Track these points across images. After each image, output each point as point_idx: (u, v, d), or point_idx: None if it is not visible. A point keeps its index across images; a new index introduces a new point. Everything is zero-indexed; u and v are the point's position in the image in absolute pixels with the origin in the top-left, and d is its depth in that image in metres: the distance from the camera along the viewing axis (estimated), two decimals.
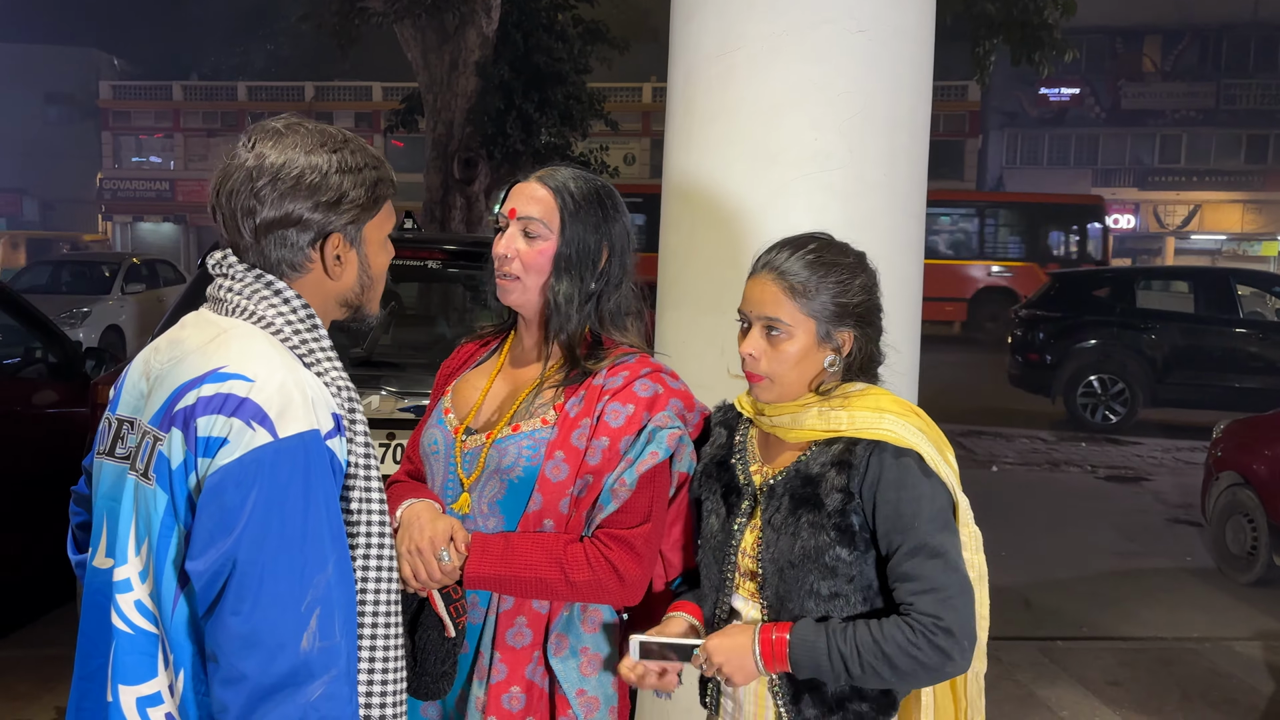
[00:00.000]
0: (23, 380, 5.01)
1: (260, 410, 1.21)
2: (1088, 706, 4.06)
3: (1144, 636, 5.02)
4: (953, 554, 1.54)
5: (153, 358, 1.36)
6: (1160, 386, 10.93)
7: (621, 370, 1.69)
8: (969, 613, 1.52)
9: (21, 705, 3.79)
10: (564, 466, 1.64)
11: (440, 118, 11.24)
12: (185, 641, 1.23)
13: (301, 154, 1.32)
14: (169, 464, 1.23)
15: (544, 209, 1.69)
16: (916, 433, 1.59)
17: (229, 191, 1.32)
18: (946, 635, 1.48)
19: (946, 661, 1.49)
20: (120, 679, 1.25)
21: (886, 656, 1.49)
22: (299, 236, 1.33)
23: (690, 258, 2.65)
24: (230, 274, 1.34)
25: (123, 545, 1.27)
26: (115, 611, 1.26)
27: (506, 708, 1.65)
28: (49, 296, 12.75)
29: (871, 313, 1.68)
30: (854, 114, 2.45)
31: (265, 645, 1.16)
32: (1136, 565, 6.28)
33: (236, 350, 1.26)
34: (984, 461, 9.22)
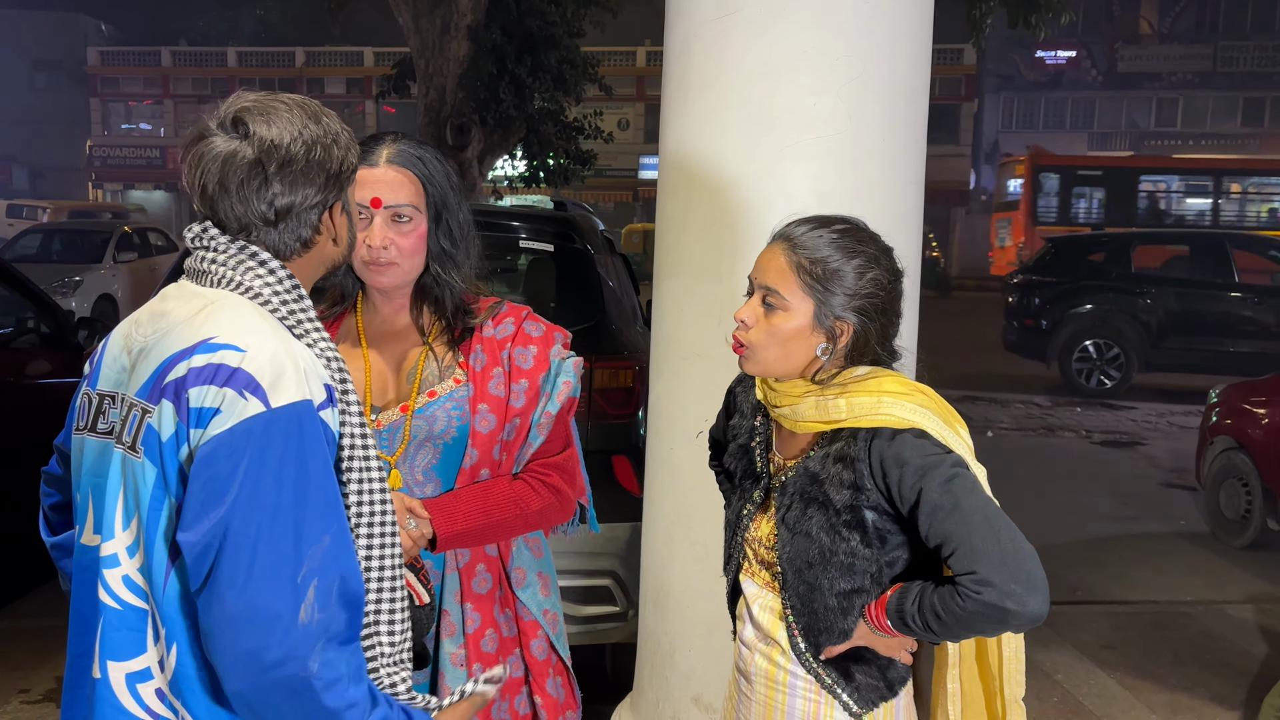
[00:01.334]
0: (15, 350, 4.99)
1: (253, 380, 1.19)
2: (1082, 669, 4.09)
3: (1138, 600, 5.05)
4: (965, 501, 1.45)
5: (133, 331, 1.34)
6: (1155, 351, 10.96)
7: (505, 318, 1.80)
8: (1004, 550, 1.42)
9: (22, 675, 3.80)
10: (490, 417, 1.73)
11: (432, 83, 11.14)
12: (178, 616, 1.21)
13: (296, 129, 1.30)
14: (159, 436, 1.21)
15: (409, 193, 1.71)
16: (918, 410, 1.54)
17: (233, 180, 1.28)
18: (987, 587, 1.41)
19: (1004, 611, 1.41)
20: (109, 655, 1.24)
21: (958, 620, 1.46)
22: (312, 213, 1.33)
23: (687, 225, 2.63)
24: (213, 245, 1.32)
25: (110, 520, 1.25)
26: (102, 587, 1.24)
27: (486, 650, 1.75)
28: (40, 265, 12.67)
29: (880, 309, 1.58)
30: (853, 79, 2.42)
31: (261, 618, 1.13)
32: (1131, 529, 6.31)
33: (226, 320, 1.25)
34: (979, 427, 9.24)
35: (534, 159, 13.17)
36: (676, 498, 2.70)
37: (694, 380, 2.61)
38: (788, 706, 1.66)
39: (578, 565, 3.24)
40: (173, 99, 39.22)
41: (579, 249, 3.89)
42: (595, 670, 3.45)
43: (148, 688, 1.23)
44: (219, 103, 1.34)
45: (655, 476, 2.81)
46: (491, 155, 12.14)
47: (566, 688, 1.86)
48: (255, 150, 1.27)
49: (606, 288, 3.85)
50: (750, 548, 1.72)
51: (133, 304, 13.34)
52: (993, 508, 1.48)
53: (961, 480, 1.48)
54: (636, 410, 3.51)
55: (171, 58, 39.28)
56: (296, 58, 37.90)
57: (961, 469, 1.50)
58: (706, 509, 2.37)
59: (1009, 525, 1.46)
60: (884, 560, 1.58)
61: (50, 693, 3.68)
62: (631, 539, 3.25)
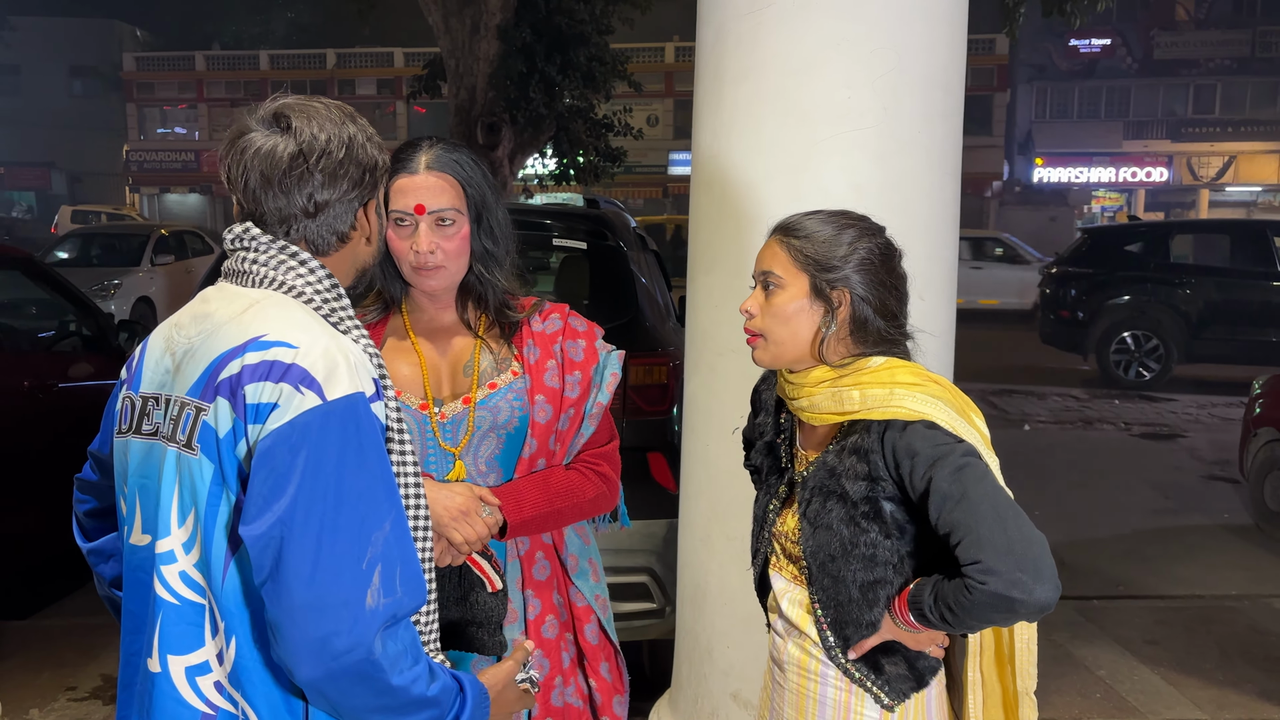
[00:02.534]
0: (58, 354, 5.07)
1: (307, 374, 1.21)
2: (1125, 665, 4.04)
3: (1182, 595, 4.98)
4: (973, 491, 1.45)
5: (174, 334, 1.35)
6: (1195, 342, 10.79)
7: (551, 313, 1.86)
8: (1009, 538, 1.42)
9: (69, 673, 3.86)
10: (547, 407, 1.79)
11: (463, 83, 11.19)
12: (238, 609, 1.23)
13: (335, 127, 1.33)
14: (215, 433, 1.23)
15: (450, 197, 1.74)
16: (930, 401, 1.55)
17: (274, 172, 1.31)
18: (993, 575, 1.40)
19: (1010, 600, 1.40)
20: (169, 649, 1.26)
21: (967, 610, 1.46)
22: (349, 208, 1.36)
23: (722, 221, 2.62)
24: (253, 246, 1.34)
25: (165, 518, 1.26)
26: (160, 583, 1.26)
27: (547, 636, 1.82)
28: (80, 269, 12.85)
29: (877, 277, 1.61)
30: (888, 70, 2.40)
31: (329, 607, 1.16)
32: (1173, 523, 6.23)
33: (274, 318, 1.27)
34: (1016, 420, 9.16)
35: (564, 157, 13.19)
36: (713, 494, 2.70)
37: (729, 376, 2.60)
38: (820, 695, 1.67)
39: (614, 562, 3.24)
40: (206, 103, 39.66)
41: (612, 246, 3.89)
42: (633, 667, 3.45)
43: (206, 680, 1.25)
44: (254, 105, 1.36)
45: (691, 473, 2.80)
46: (522, 154, 12.18)
47: (615, 671, 1.91)
48: (296, 144, 1.31)
49: (640, 284, 3.85)
50: (777, 542, 1.74)
51: (170, 306, 13.55)
52: (1001, 497, 1.47)
53: (971, 470, 1.48)
54: (671, 407, 3.50)
55: (205, 62, 39.71)
56: (328, 59, 38.18)
57: (972, 458, 1.50)
58: (743, 505, 2.36)
59: (1017, 514, 1.45)
60: (904, 551, 1.59)
61: (96, 690, 3.74)
62: (668, 535, 3.25)
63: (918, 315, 2.52)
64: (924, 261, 2.54)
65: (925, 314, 2.53)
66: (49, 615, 4.59)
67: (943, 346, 2.64)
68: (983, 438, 1.59)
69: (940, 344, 2.62)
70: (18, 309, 7.40)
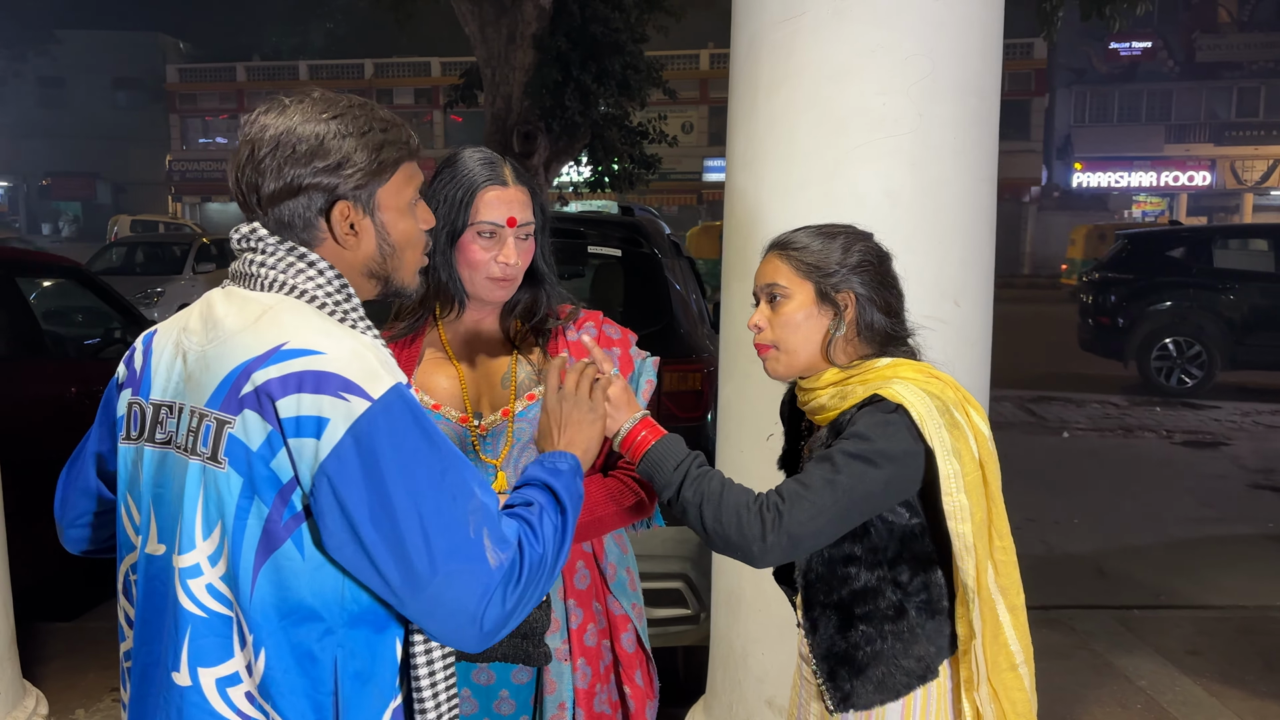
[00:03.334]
0: (104, 360, 5.16)
1: (344, 380, 1.19)
2: (1167, 676, 3.98)
3: (1224, 605, 4.90)
4: (845, 478, 1.51)
5: (184, 339, 1.32)
6: (1239, 348, 10.63)
7: (586, 321, 1.87)
8: (805, 525, 1.51)
9: (114, 674, 3.92)
10: None
11: (499, 91, 11.26)
12: (266, 621, 1.22)
13: (300, 121, 1.30)
14: (245, 446, 1.21)
15: (532, 211, 1.78)
16: (918, 393, 1.57)
17: (236, 167, 1.32)
18: (774, 513, 1.50)
19: (756, 539, 1.50)
20: (198, 662, 1.25)
21: (720, 501, 1.53)
22: (305, 206, 1.30)
23: (756, 228, 2.63)
24: (260, 248, 1.31)
25: (189, 531, 1.25)
26: (187, 596, 1.25)
27: (589, 644, 1.83)
28: (124, 277, 13.08)
29: (876, 277, 1.67)
30: (922, 77, 2.40)
31: (462, 586, 1.18)
32: (1215, 532, 6.13)
33: (291, 325, 1.24)
34: (1054, 428, 9.06)
35: (599, 164, 13.23)
36: None
37: (763, 383, 2.58)
38: None
39: (649, 568, 3.25)
40: (247, 113, 39.95)
41: (646, 253, 3.91)
42: (667, 673, 3.46)
43: (238, 691, 1.25)
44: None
45: None
46: (557, 162, 12.23)
47: (647, 678, 1.93)
48: (254, 136, 1.32)
49: (674, 291, 3.87)
50: None
51: None
52: (848, 500, 1.52)
53: (862, 466, 1.52)
54: (705, 413, 3.51)
55: (245, 73, 40.28)
56: (365, 70, 38.59)
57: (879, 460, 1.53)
58: None
59: (832, 519, 1.53)
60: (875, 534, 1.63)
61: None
62: (702, 542, 3.25)
63: (954, 321, 2.53)
64: (959, 267, 2.53)
65: (962, 320, 2.53)
66: (94, 617, 4.67)
67: (980, 352, 2.63)
68: (978, 435, 1.60)
69: (976, 350, 2.61)
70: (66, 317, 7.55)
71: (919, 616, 1.62)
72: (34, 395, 4.40)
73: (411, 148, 1.37)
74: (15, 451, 4.09)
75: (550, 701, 1.79)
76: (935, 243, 2.48)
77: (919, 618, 1.62)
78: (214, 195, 40.37)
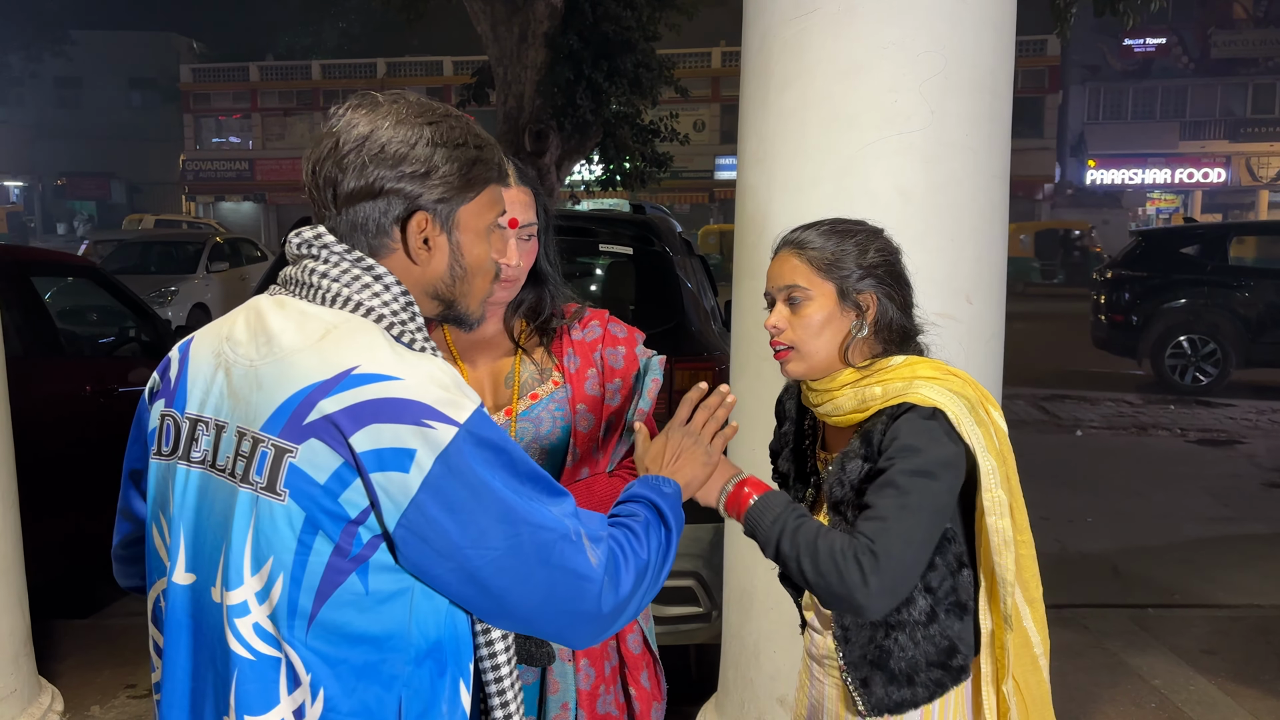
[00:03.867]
0: (119, 359, 5.20)
1: (427, 407, 1.12)
2: (1181, 675, 3.96)
3: (1240, 604, 4.87)
4: (916, 498, 1.49)
5: (227, 350, 1.23)
6: (1254, 346, 10.55)
7: (591, 320, 1.86)
8: (902, 556, 1.48)
9: (129, 671, 3.95)
10: (589, 416, 1.79)
11: (510, 90, 11.27)
12: (323, 660, 1.15)
13: (392, 124, 1.22)
14: (309, 479, 1.12)
15: (533, 212, 1.78)
16: (945, 393, 1.57)
17: (315, 160, 1.23)
18: (870, 557, 1.46)
19: (859, 586, 1.46)
20: (246, 709, 1.16)
21: (815, 550, 1.49)
22: (382, 211, 1.21)
23: (767, 225, 2.62)
24: (323, 256, 1.22)
25: (236, 566, 1.16)
26: (235, 637, 1.16)
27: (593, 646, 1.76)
28: (138, 276, 13.13)
29: (893, 275, 1.66)
30: (935, 74, 2.40)
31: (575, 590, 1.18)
32: (1231, 531, 6.10)
33: (361, 347, 1.16)
34: (1068, 426, 9.02)
35: (610, 162, 13.24)
36: None
37: (775, 381, 2.58)
38: None
39: None
40: (260, 112, 40.37)
41: (658, 251, 3.91)
42: (679, 671, 3.46)
43: None
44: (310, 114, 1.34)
45: None
46: (569, 160, 12.24)
47: (654, 680, 1.92)
48: (340, 130, 1.23)
49: (685, 289, 3.86)
50: None
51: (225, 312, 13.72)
52: (926, 518, 1.51)
53: (926, 481, 1.51)
54: None
55: (259, 73, 40.41)
56: (378, 69, 38.66)
57: (937, 469, 1.52)
58: None
59: (922, 543, 1.51)
60: None
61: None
62: (714, 540, 3.25)
63: (966, 318, 2.52)
64: (972, 264, 2.53)
65: (974, 317, 2.52)
66: (109, 615, 4.70)
67: (992, 350, 2.62)
68: (999, 431, 1.61)
69: (989, 348, 2.60)
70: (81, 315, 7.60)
71: (949, 619, 1.62)
72: (50, 394, 4.43)
73: (501, 172, 1.30)
74: (31, 450, 4.12)
75: (553, 702, 1.78)
76: (948, 240, 2.47)
77: (949, 620, 1.62)
78: (227, 195, 40.56)
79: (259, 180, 39.59)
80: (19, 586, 3.05)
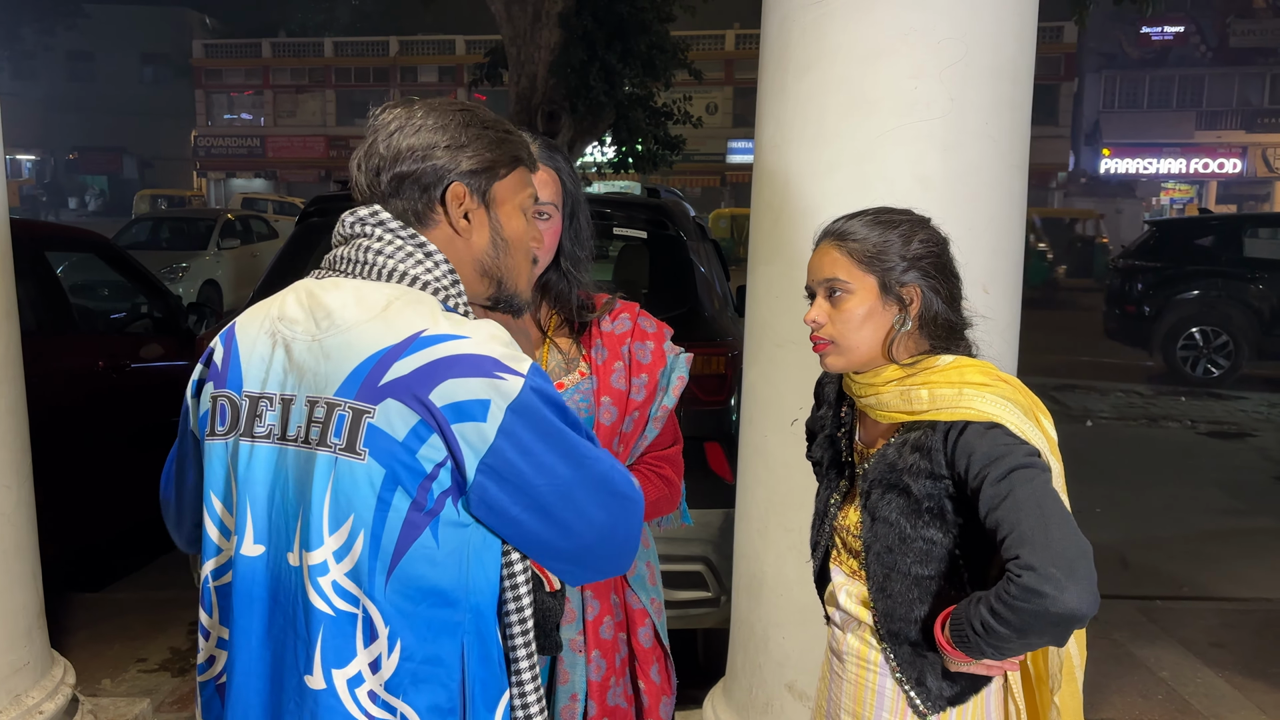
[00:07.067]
0: (130, 335, 5.21)
1: (496, 361, 1.21)
2: (1189, 667, 3.96)
3: (1249, 597, 4.86)
4: (1020, 491, 1.43)
5: (281, 328, 1.29)
6: (1267, 339, 10.51)
7: (621, 313, 1.85)
8: (1050, 537, 1.39)
9: (139, 645, 3.98)
10: (613, 409, 1.79)
11: (523, 70, 11.23)
12: (403, 614, 1.21)
13: (425, 113, 1.33)
14: (388, 436, 1.19)
15: (551, 191, 1.77)
16: (999, 402, 1.53)
17: (359, 159, 1.34)
18: (1029, 572, 1.37)
19: (1042, 599, 1.36)
20: (332, 664, 1.23)
21: (999, 615, 1.42)
22: (422, 189, 1.30)
23: (784, 211, 2.61)
24: (376, 234, 1.30)
25: (315, 527, 1.22)
26: (318, 595, 1.22)
27: (604, 637, 1.83)
28: (150, 252, 13.14)
29: (939, 268, 1.61)
30: (955, 61, 2.37)
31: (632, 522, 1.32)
32: (1241, 524, 6.08)
33: (425, 314, 1.24)
34: (1078, 416, 9.00)
35: (623, 145, 13.19)
36: (770, 485, 2.70)
37: (788, 367, 2.60)
38: (879, 685, 1.67)
39: (670, 551, 3.26)
40: (272, 89, 40.35)
41: (672, 235, 3.90)
42: (687, 655, 3.47)
43: (362, 691, 1.23)
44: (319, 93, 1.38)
45: (749, 463, 2.80)
46: (581, 142, 12.21)
47: (664, 674, 1.91)
48: (385, 121, 1.34)
49: (699, 274, 3.85)
50: (839, 536, 1.74)
51: (236, 289, 13.81)
52: (1050, 499, 1.44)
53: (1023, 472, 1.45)
54: (729, 397, 3.50)
55: (271, 49, 40.37)
56: (390, 47, 38.59)
57: (1030, 459, 1.47)
58: (801, 496, 2.36)
59: (1063, 517, 1.43)
60: (960, 552, 1.58)
61: (165, 662, 3.85)
62: (724, 525, 3.25)
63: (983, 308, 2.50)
64: (989, 254, 2.51)
65: (990, 307, 2.49)
66: (119, 589, 4.73)
67: (1007, 341, 2.61)
68: (1049, 440, 1.57)
69: (1005, 338, 2.59)
70: (93, 291, 7.60)
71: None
72: (64, 368, 4.44)
73: (530, 158, 1.40)
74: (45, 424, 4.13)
75: (563, 692, 1.78)
76: (965, 229, 2.44)
77: None
78: (238, 171, 40.58)
79: (270, 157, 39.60)
80: (33, 562, 3.07)
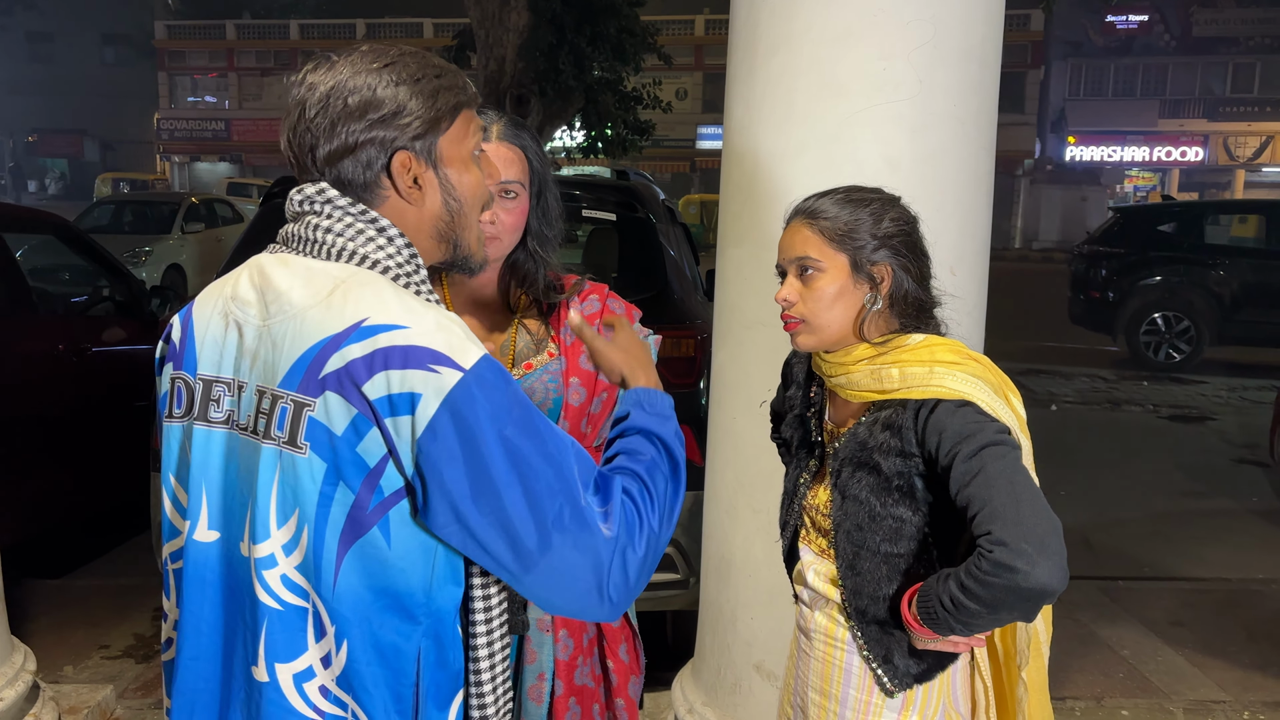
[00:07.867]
0: (92, 318, 5.13)
1: (433, 352, 1.13)
2: (1150, 646, 4.03)
3: (1208, 577, 4.95)
4: (991, 467, 1.43)
5: (234, 309, 1.25)
6: (1227, 324, 10.66)
7: (590, 294, 1.85)
8: (1021, 513, 1.38)
9: (102, 631, 3.93)
10: (581, 390, 1.77)
11: (492, 54, 11.15)
12: (351, 612, 1.17)
13: (350, 75, 1.22)
14: (328, 430, 1.15)
15: (517, 170, 1.75)
16: (969, 380, 1.54)
17: (289, 131, 1.25)
18: (1001, 547, 1.37)
19: (1013, 574, 1.36)
20: (276, 657, 1.20)
21: (968, 591, 1.42)
22: (364, 164, 1.23)
23: (753, 194, 2.61)
24: (325, 211, 1.23)
25: (262, 519, 1.19)
26: (263, 588, 1.19)
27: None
28: (112, 236, 12.96)
29: (910, 246, 1.62)
30: (924, 43, 2.38)
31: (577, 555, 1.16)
32: (1200, 506, 6.18)
33: (369, 300, 1.17)
34: (1043, 400, 9.10)
35: (592, 129, 13.15)
36: (739, 467, 2.70)
37: (757, 349, 2.60)
38: (846, 663, 1.68)
39: None
40: (237, 72, 39.78)
41: (641, 218, 3.89)
42: (656, 637, 3.48)
43: (312, 686, 1.21)
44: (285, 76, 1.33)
45: (718, 445, 2.81)
46: (550, 126, 12.16)
47: (632, 653, 1.90)
48: (303, 96, 1.24)
49: (668, 257, 3.85)
50: (808, 515, 1.74)
51: (200, 273, 13.65)
52: (1020, 476, 1.45)
53: (994, 449, 1.46)
54: (698, 379, 3.51)
55: (236, 31, 39.79)
56: (358, 29, 38.12)
57: (1000, 439, 1.48)
58: (769, 478, 2.36)
59: (1033, 494, 1.43)
60: (929, 530, 1.59)
61: (129, 649, 3.81)
62: (693, 507, 3.26)
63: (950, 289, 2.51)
64: (957, 236, 2.52)
65: (957, 288, 2.51)
66: (80, 575, 4.67)
67: (974, 322, 2.63)
68: (1019, 418, 1.58)
69: (972, 319, 2.60)
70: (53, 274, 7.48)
71: None
72: (23, 351, 4.37)
73: (469, 94, 1.29)
74: (4, 408, 4.06)
75: (530, 671, 1.77)
76: (933, 210, 2.43)
77: None
78: (202, 154, 40.03)
79: (235, 141, 39.09)
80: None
